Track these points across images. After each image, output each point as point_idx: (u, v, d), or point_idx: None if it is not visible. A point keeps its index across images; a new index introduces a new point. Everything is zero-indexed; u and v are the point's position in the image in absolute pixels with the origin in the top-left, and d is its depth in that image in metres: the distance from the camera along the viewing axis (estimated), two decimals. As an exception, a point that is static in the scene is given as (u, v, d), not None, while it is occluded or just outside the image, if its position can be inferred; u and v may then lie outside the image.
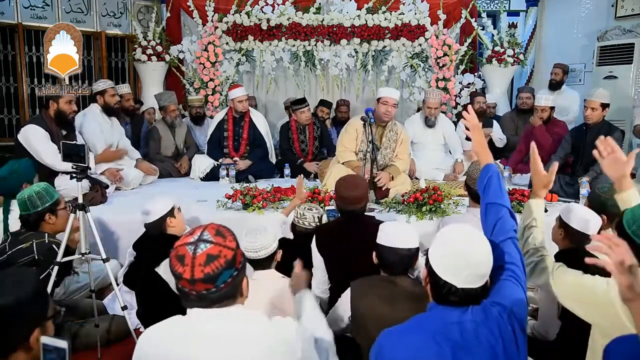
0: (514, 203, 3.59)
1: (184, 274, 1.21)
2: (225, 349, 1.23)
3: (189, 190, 4.28)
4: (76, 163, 2.46)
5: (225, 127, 4.98)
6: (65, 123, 3.74)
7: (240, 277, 1.30)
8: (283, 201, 3.63)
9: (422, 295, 1.86)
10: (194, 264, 1.21)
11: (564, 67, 5.61)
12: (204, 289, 1.22)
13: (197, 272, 1.21)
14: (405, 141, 4.13)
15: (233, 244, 1.28)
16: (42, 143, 3.59)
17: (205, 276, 1.21)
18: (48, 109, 3.70)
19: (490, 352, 1.31)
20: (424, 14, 5.83)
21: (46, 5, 5.58)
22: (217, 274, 1.22)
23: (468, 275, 1.32)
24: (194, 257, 1.21)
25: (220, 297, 1.25)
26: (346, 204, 2.44)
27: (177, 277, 1.24)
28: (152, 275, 2.50)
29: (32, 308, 1.25)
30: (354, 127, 4.06)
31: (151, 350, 1.28)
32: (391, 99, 3.93)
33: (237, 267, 1.27)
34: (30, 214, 2.67)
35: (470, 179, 2.69)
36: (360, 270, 2.07)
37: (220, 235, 1.28)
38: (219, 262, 1.22)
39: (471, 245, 1.34)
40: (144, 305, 2.63)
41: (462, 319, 1.33)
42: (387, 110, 3.92)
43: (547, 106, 4.74)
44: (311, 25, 5.87)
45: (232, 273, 1.25)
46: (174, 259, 1.24)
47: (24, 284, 1.26)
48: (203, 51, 5.81)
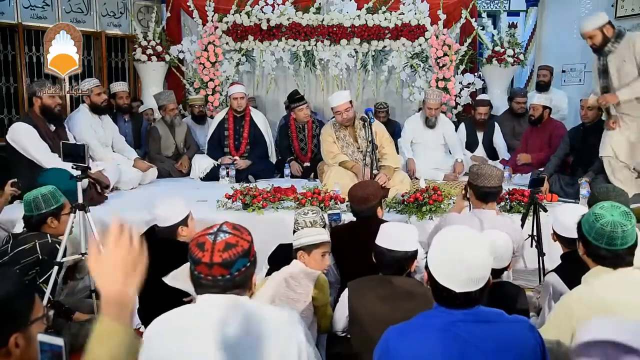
0: (514, 203, 3.60)
1: (203, 258, 1.30)
2: (232, 335, 1.27)
3: (189, 190, 4.28)
4: (76, 163, 2.47)
5: (225, 127, 4.99)
6: (52, 117, 3.76)
7: (251, 269, 1.38)
8: (283, 201, 3.63)
9: (419, 294, 1.87)
10: (214, 249, 1.30)
11: (550, 69, 5.67)
12: (219, 274, 1.30)
13: (215, 257, 1.29)
14: (380, 131, 4.14)
15: (249, 238, 1.38)
16: (30, 139, 3.61)
17: (223, 261, 1.30)
18: (33, 105, 3.72)
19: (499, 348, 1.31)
20: (424, 14, 5.83)
21: (46, 5, 5.57)
22: (233, 260, 1.31)
23: (465, 279, 1.31)
24: (214, 244, 1.31)
25: (232, 285, 1.32)
26: (356, 203, 2.51)
27: (195, 263, 1.32)
28: (157, 281, 2.49)
29: (9, 312, 1.17)
30: (327, 134, 4.20)
31: (159, 344, 1.30)
32: (341, 105, 4.02)
33: (250, 259, 1.36)
34: (33, 216, 2.67)
35: (477, 177, 2.59)
36: (370, 272, 2.09)
37: (237, 229, 1.38)
38: (236, 249, 1.32)
39: (468, 249, 1.34)
40: (144, 304, 2.62)
41: (467, 318, 1.34)
42: (343, 117, 4.04)
43: (540, 105, 4.76)
44: (311, 25, 5.86)
45: (245, 263, 1.34)
46: (194, 246, 1.33)
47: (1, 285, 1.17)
48: (203, 51, 5.81)
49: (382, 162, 4.05)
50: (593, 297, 1.62)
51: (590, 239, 1.69)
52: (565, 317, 1.64)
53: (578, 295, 1.68)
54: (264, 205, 3.54)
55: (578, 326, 1.49)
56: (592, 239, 1.68)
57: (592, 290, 1.66)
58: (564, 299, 1.72)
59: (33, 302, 1.25)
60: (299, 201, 3.53)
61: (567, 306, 1.66)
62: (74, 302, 2.92)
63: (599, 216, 1.68)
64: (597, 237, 1.67)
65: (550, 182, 4.08)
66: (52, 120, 3.75)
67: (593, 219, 1.69)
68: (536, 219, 3.08)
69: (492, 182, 2.57)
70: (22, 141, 3.62)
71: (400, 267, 2.01)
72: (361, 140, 4.08)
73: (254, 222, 3.38)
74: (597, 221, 1.67)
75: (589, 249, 1.72)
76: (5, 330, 1.16)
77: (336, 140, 4.15)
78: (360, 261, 2.21)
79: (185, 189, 4.35)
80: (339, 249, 2.50)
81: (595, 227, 1.67)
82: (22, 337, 1.17)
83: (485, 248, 1.37)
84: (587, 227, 1.71)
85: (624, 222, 1.65)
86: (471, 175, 2.66)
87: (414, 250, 2.02)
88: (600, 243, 1.66)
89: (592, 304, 1.60)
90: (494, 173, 2.59)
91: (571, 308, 1.63)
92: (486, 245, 1.38)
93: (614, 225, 1.64)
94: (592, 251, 1.71)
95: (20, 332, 1.17)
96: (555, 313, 1.72)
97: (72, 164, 2.48)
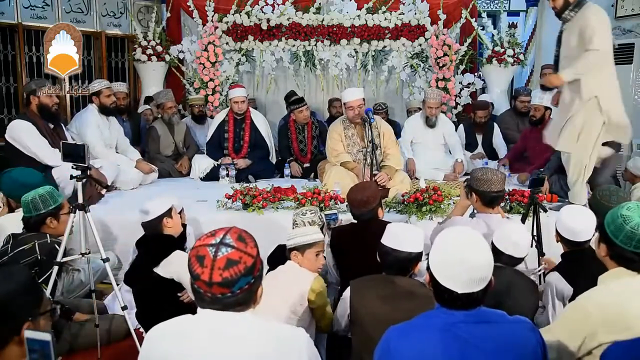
0: (514, 204, 3.59)
1: (202, 275, 1.22)
2: (231, 352, 1.23)
3: (189, 191, 4.28)
4: (76, 163, 2.47)
5: (225, 129, 4.98)
6: (49, 116, 3.77)
7: (256, 285, 1.30)
8: (283, 201, 3.63)
9: (420, 295, 1.87)
10: (214, 266, 1.21)
11: (552, 67, 5.60)
12: (219, 292, 1.23)
13: (215, 276, 1.21)
14: (388, 132, 4.16)
15: (254, 251, 1.28)
16: (30, 136, 3.62)
17: (223, 280, 1.21)
18: (30, 104, 3.73)
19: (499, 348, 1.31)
20: (424, 14, 5.83)
21: (46, 5, 5.56)
22: (235, 279, 1.22)
23: (467, 280, 1.31)
24: (214, 260, 1.21)
25: (235, 302, 1.25)
26: (355, 207, 2.51)
27: (194, 278, 1.24)
28: (150, 275, 2.50)
29: (23, 301, 1.27)
30: (335, 131, 4.15)
31: (159, 347, 1.28)
32: (355, 101, 3.98)
33: (255, 275, 1.27)
34: (32, 217, 2.67)
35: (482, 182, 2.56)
36: (370, 273, 2.09)
37: (242, 240, 1.27)
38: (238, 268, 1.22)
39: (470, 250, 1.33)
40: (141, 305, 2.63)
41: (468, 319, 1.34)
42: (355, 113, 4.00)
43: (541, 105, 4.76)
44: (311, 25, 5.86)
45: (249, 280, 1.25)
46: (194, 258, 1.24)
47: (14, 278, 1.28)
48: (203, 51, 5.81)
49: (385, 162, 4.06)
50: (611, 299, 1.58)
51: (617, 242, 1.65)
52: (580, 319, 1.60)
53: (595, 298, 1.63)
54: (264, 205, 3.54)
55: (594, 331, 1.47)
56: (619, 242, 1.64)
57: (611, 293, 1.62)
58: (579, 300, 1.67)
59: (42, 295, 1.35)
60: (298, 201, 3.53)
61: (583, 308, 1.61)
62: (74, 302, 2.92)
63: (628, 218, 1.64)
64: (625, 241, 1.63)
65: (550, 182, 4.08)
66: (49, 119, 3.76)
67: (621, 221, 1.64)
68: (536, 219, 3.08)
69: (497, 186, 2.56)
70: (22, 138, 3.62)
71: (403, 268, 2.01)
72: (367, 140, 4.07)
73: (254, 222, 3.39)
74: (626, 224, 1.63)
75: (614, 251, 1.68)
76: (18, 319, 1.24)
77: (343, 138, 4.13)
78: (361, 262, 2.21)
79: (185, 189, 4.35)
80: (340, 250, 2.51)
81: (624, 230, 1.63)
82: (33, 327, 1.24)
83: (487, 248, 1.37)
84: (614, 229, 1.66)
85: None
86: (475, 181, 2.62)
87: (418, 252, 2.02)
88: (629, 246, 1.62)
89: (609, 306, 1.56)
90: (498, 177, 2.59)
91: (587, 310, 1.59)
92: (488, 246, 1.38)
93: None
94: (618, 253, 1.66)
95: (32, 323, 1.26)
96: (569, 314, 1.68)
97: (72, 164, 2.48)
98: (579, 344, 1.59)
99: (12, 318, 1.24)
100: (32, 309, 1.29)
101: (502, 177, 2.64)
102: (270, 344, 1.26)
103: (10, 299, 1.24)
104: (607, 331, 1.50)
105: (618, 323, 1.49)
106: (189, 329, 1.27)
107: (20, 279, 1.28)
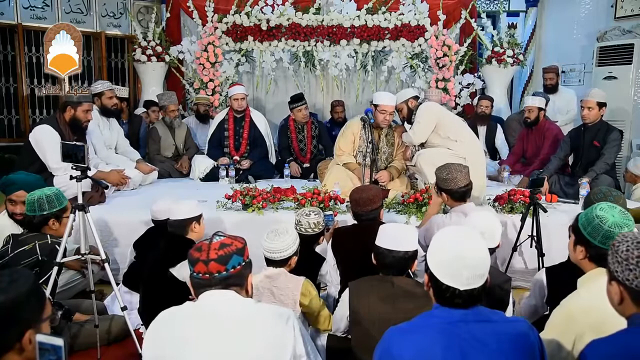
0: (517, 204, 3.58)
1: (200, 257, 1.43)
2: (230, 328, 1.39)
3: (189, 191, 4.28)
4: (76, 163, 2.46)
5: (226, 127, 5.00)
6: (78, 130, 3.74)
7: (247, 269, 1.50)
8: (283, 202, 3.63)
9: (420, 294, 1.87)
10: (210, 248, 1.44)
11: (555, 70, 5.62)
12: (216, 270, 1.42)
13: (211, 254, 1.43)
14: (402, 145, 4.17)
15: (242, 241, 1.52)
16: (51, 144, 3.53)
17: (219, 257, 1.43)
18: (64, 112, 3.69)
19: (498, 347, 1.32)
20: (423, 14, 5.83)
21: (46, 6, 5.57)
22: (228, 256, 1.44)
23: (468, 276, 1.32)
24: (210, 244, 1.46)
25: (229, 282, 1.44)
26: (360, 205, 2.51)
27: (193, 263, 1.44)
28: (162, 274, 2.50)
29: (26, 309, 1.25)
30: (351, 130, 4.11)
31: (165, 329, 1.43)
32: (389, 107, 3.96)
33: (245, 260, 1.49)
34: (35, 216, 2.66)
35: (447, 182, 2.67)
36: (371, 274, 2.09)
37: (231, 236, 1.52)
38: (230, 248, 1.46)
39: (468, 246, 1.35)
40: (147, 303, 2.61)
41: (468, 318, 1.34)
42: (385, 118, 3.97)
43: (535, 106, 4.76)
44: (311, 26, 5.86)
45: (240, 261, 1.46)
46: (193, 250, 1.46)
47: (18, 284, 1.26)
48: (203, 51, 5.81)
49: (393, 163, 4.12)
50: (594, 303, 1.58)
51: (595, 242, 1.68)
52: (565, 322, 1.63)
53: (578, 303, 1.65)
54: (264, 205, 3.53)
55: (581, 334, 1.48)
56: (598, 242, 1.67)
57: (593, 296, 1.61)
58: (564, 303, 1.69)
59: (45, 301, 1.34)
60: (298, 201, 3.53)
61: (568, 313, 1.64)
62: (74, 302, 2.92)
63: (603, 219, 1.66)
64: (604, 241, 1.65)
65: (550, 183, 4.08)
66: (76, 132, 3.74)
67: (598, 222, 1.67)
68: (536, 220, 3.08)
69: (463, 182, 2.67)
70: (43, 143, 3.58)
71: (401, 268, 2.01)
72: (382, 145, 4.09)
73: (254, 223, 3.39)
74: (603, 224, 1.66)
75: (592, 252, 1.71)
76: (21, 326, 1.24)
77: (357, 138, 4.09)
78: (362, 263, 2.22)
79: (185, 190, 4.35)
80: (341, 251, 2.50)
81: (602, 231, 1.66)
82: (35, 334, 1.23)
83: (483, 244, 1.38)
84: (591, 231, 1.69)
85: (626, 221, 1.65)
86: (441, 182, 2.71)
87: (414, 250, 2.02)
88: (607, 246, 1.61)
89: (593, 311, 1.57)
90: (462, 173, 2.67)
91: (572, 316, 1.61)
92: (483, 241, 1.40)
93: (619, 227, 1.63)
94: (597, 253, 1.68)
95: (34, 329, 1.25)
96: (555, 320, 1.70)
97: (72, 165, 2.47)
98: (571, 346, 1.60)
99: (14, 326, 1.23)
100: (35, 316, 1.28)
101: (465, 170, 2.70)
102: (268, 320, 1.44)
103: (17, 304, 1.23)
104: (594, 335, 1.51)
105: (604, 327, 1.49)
106: (190, 312, 1.44)
107: (26, 283, 1.27)
